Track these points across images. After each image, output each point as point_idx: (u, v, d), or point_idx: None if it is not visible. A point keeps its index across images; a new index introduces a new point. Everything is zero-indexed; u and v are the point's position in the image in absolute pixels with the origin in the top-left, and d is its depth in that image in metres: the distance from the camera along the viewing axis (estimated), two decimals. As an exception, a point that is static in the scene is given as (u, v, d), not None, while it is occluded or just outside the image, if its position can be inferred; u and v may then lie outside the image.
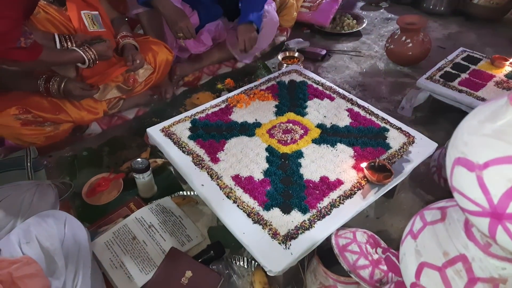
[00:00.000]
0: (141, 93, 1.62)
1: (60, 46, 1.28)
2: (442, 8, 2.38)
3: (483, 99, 1.40)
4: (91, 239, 1.08)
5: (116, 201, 1.25)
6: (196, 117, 1.28)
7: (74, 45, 1.30)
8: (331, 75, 1.90)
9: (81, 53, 1.26)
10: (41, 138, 1.34)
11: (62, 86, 1.30)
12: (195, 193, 1.22)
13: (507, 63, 1.55)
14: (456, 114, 1.51)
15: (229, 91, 1.75)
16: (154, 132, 1.22)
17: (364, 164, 1.05)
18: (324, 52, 2.01)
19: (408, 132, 1.20)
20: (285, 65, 1.80)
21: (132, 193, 1.29)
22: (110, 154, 1.45)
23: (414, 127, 1.24)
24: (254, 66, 1.97)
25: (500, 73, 1.53)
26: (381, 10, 2.54)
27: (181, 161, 1.12)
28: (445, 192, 1.28)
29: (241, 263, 1.06)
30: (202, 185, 1.04)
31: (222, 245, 1.08)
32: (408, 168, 1.09)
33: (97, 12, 1.48)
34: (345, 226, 0.97)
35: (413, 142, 1.17)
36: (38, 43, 1.15)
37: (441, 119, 1.59)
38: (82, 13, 1.42)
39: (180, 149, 1.15)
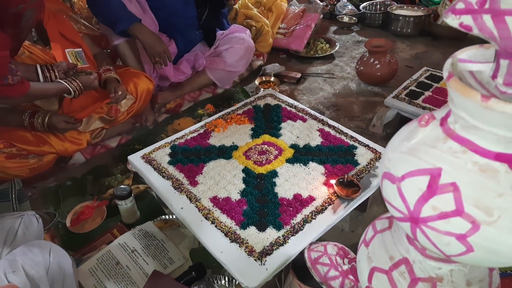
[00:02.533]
0: (124, 122, 1.69)
1: (43, 77, 1.34)
2: (409, 30, 2.54)
3: (445, 115, 1.50)
4: (76, 266, 1.12)
5: (100, 228, 1.29)
6: (176, 142, 1.35)
7: (56, 74, 1.35)
8: (306, 97, 2.00)
9: (66, 85, 1.33)
10: (25, 170, 1.38)
11: (46, 120, 1.35)
12: (176, 216, 1.26)
13: (466, 80, 1.66)
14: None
15: (210, 115, 1.82)
16: (135, 159, 1.28)
17: (333, 181, 1.12)
18: (299, 75, 2.11)
19: (375, 149, 1.28)
20: (262, 89, 1.89)
21: (115, 219, 1.33)
22: (94, 182, 1.49)
23: (385, 143, 1.31)
24: (233, 91, 2.06)
25: (460, 90, 1.64)
26: (353, 34, 2.69)
27: (161, 186, 1.17)
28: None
29: (223, 282, 1.10)
30: (182, 208, 1.10)
31: (203, 266, 1.12)
32: (376, 183, 1.16)
33: (80, 49, 1.55)
34: (320, 240, 1.02)
35: (379, 157, 1.25)
36: (25, 79, 1.21)
37: (410, 135, 1.67)
38: (66, 51, 1.49)
39: (160, 174, 1.21)
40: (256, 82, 1.96)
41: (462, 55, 0.43)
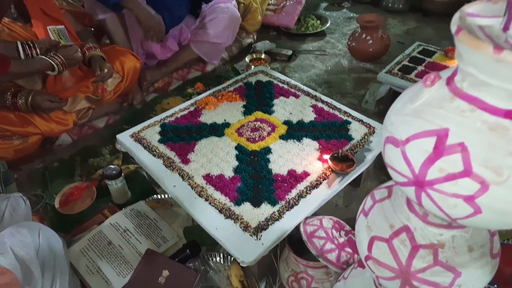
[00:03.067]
0: (111, 102, 1.64)
1: (24, 54, 1.28)
2: (401, 6, 2.50)
3: (438, 89, 1.49)
4: (67, 247, 1.09)
5: (90, 209, 1.26)
6: (166, 121, 1.31)
7: (38, 51, 1.29)
8: (298, 75, 1.97)
9: (49, 60, 1.27)
10: (10, 152, 1.33)
11: (30, 99, 1.30)
12: (168, 196, 1.24)
13: (459, 54, 1.65)
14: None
15: (199, 94, 1.78)
16: (124, 138, 1.24)
17: (327, 156, 1.11)
18: (290, 52, 2.07)
19: (369, 124, 1.27)
20: (252, 66, 1.85)
21: (106, 200, 1.30)
22: (82, 163, 1.45)
23: (378, 119, 1.31)
24: (223, 69, 2.02)
25: (453, 64, 1.63)
26: (344, 10, 2.64)
27: (152, 165, 1.14)
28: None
29: (218, 259, 1.10)
30: (174, 186, 1.07)
31: (198, 244, 1.11)
32: (370, 157, 1.15)
33: (63, 26, 1.49)
34: (315, 215, 1.02)
35: (373, 132, 1.23)
36: (6, 56, 1.15)
37: (402, 110, 1.67)
38: (48, 28, 1.42)
39: (151, 153, 1.18)
40: (247, 59, 1.92)
41: (469, 9, 0.41)
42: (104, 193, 1.31)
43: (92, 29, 1.82)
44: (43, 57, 1.27)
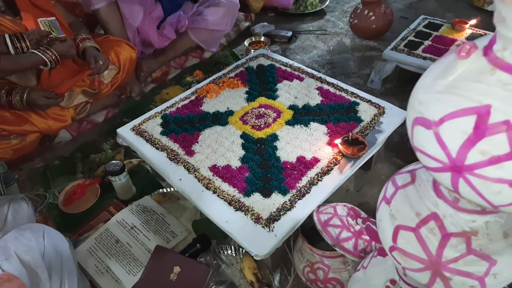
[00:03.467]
0: (109, 95, 1.58)
1: (13, 47, 1.22)
2: (401, -21, 2.40)
3: (447, 64, 1.43)
4: (73, 248, 1.06)
5: (95, 206, 1.23)
6: (167, 112, 1.26)
7: (28, 44, 1.23)
8: (299, 56, 1.90)
9: (40, 55, 1.21)
10: (8, 152, 1.29)
11: (25, 96, 1.25)
12: (174, 189, 1.21)
13: (467, 26, 1.58)
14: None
15: (199, 82, 1.72)
16: (125, 132, 1.20)
17: (338, 140, 1.06)
18: (290, 33, 2.00)
19: (378, 104, 1.22)
20: (252, 50, 1.79)
21: (110, 197, 1.26)
22: (83, 160, 1.41)
23: (385, 98, 1.26)
24: (222, 55, 1.95)
25: (461, 37, 1.57)
26: (343, -13, 2.54)
27: (156, 158, 1.10)
28: (419, 157, 1.31)
29: (229, 252, 1.06)
30: (180, 179, 1.03)
31: (208, 237, 1.07)
32: (381, 139, 1.11)
33: (54, 18, 1.42)
34: (326, 202, 0.98)
35: (383, 112, 1.18)
36: None
37: (409, 88, 1.58)
38: (38, 20, 1.36)
39: (153, 146, 1.13)
40: (246, 43, 1.85)
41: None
42: (108, 190, 1.28)
43: (83, 20, 1.75)
44: (35, 51, 1.21)
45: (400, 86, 1.63)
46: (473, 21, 1.58)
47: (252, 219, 0.91)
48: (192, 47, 1.91)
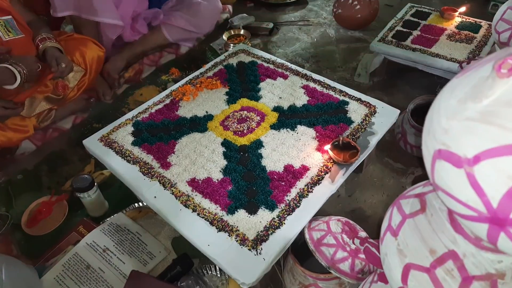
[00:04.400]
0: (75, 99, 1.44)
1: None
2: (385, -36, 2.31)
3: (437, 55, 1.35)
4: (39, 276, 0.95)
5: (63, 227, 1.11)
6: (139, 118, 1.14)
7: None
8: (282, 50, 1.80)
9: (13, 70, 1.07)
10: (-39, 170, 1.15)
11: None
12: (151, 203, 1.10)
13: (456, 14, 1.51)
14: (413, 74, 1.47)
15: (175, 81, 1.60)
16: (92, 143, 1.07)
17: (328, 146, 0.97)
18: (271, 25, 1.89)
19: (368, 102, 1.13)
20: (231, 45, 1.68)
21: (80, 214, 1.15)
22: (50, 173, 1.28)
23: (373, 93, 1.18)
24: (199, 50, 1.83)
25: (451, 25, 1.49)
26: (324, -27, 2.43)
27: (127, 173, 0.99)
28: (412, 158, 1.24)
29: (213, 272, 0.97)
30: (155, 197, 0.92)
31: (189, 257, 0.98)
32: (374, 141, 1.02)
33: (10, 17, 1.26)
34: (318, 210, 0.89)
35: (375, 112, 1.10)
36: None
37: (398, 81, 1.54)
38: None
39: (124, 159, 1.02)
40: (224, 37, 1.73)
41: None
42: (78, 206, 1.15)
43: (46, 17, 1.59)
44: (7, 65, 1.07)
45: (389, 79, 1.55)
46: (462, 9, 1.51)
47: (237, 241, 0.82)
48: (163, 44, 1.77)
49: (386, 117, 1.09)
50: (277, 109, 1.14)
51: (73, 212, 1.15)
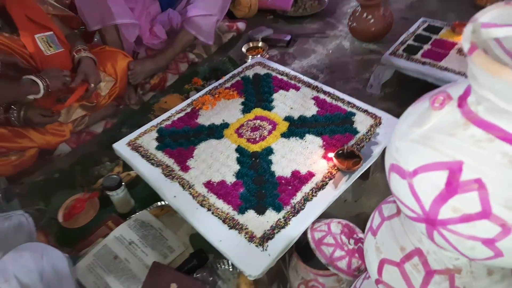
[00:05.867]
0: (107, 106, 1.59)
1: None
2: (402, -23, 2.36)
3: (446, 69, 1.41)
4: (73, 264, 1.08)
5: (94, 221, 1.24)
6: (162, 125, 1.27)
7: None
8: (298, 61, 1.89)
9: (38, 80, 1.22)
10: (8, 169, 1.31)
11: (22, 114, 1.26)
12: (172, 202, 1.21)
13: (467, 28, 1.55)
14: (424, 86, 1.53)
15: (197, 90, 1.72)
16: (121, 147, 1.20)
17: (332, 154, 1.06)
18: (289, 37, 1.99)
19: (374, 114, 1.20)
20: (250, 57, 1.78)
21: (109, 210, 1.28)
22: (83, 173, 1.42)
23: (384, 104, 1.25)
24: (220, 61, 1.94)
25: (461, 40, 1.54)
26: (343, -14, 2.51)
27: (151, 174, 1.11)
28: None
29: (226, 266, 1.07)
30: (175, 196, 1.04)
31: (205, 252, 1.08)
32: (377, 151, 1.10)
33: (51, 32, 1.42)
34: (324, 213, 0.98)
35: (380, 123, 1.17)
36: None
37: (409, 93, 1.59)
38: (36, 37, 1.36)
39: (149, 162, 1.14)
40: (243, 49, 1.84)
41: (484, 18, 0.35)
42: (108, 203, 1.28)
43: (80, 29, 1.75)
44: (32, 77, 1.22)
45: (400, 91, 1.61)
46: (473, 24, 1.55)
47: (246, 238, 0.92)
48: (189, 41, 1.88)
49: (390, 127, 1.16)
50: (288, 118, 1.23)
51: (103, 208, 1.28)
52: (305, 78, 1.40)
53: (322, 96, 1.31)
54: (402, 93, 1.60)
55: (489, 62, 0.30)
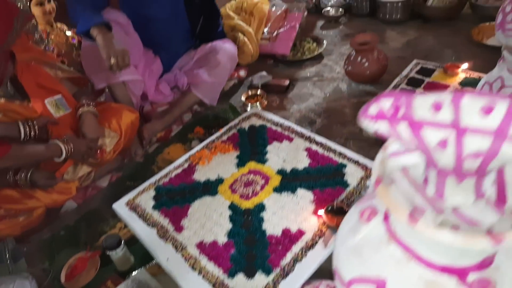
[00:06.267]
0: (112, 160, 1.66)
1: (24, 133, 1.31)
2: (399, 15, 2.42)
3: (439, 113, 1.41)
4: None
5: (95, 280, 1.27)
6: (160, 183, 1.31)
7: (36, 130, 1.32)
8: (296, 105, 1.93)
9: (61, 145, 1.30)
10: (16, 229, 1.37)
11: (29, 176, 1.33)
12: (169, 260, 1.23)
13: (460, 70, 1.57)
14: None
15: (200, 140, 1.78)
16: (120, 208, 1.25)
17: (321, 211, 1.07)
18: (287, 83, 2.04)
19: (365, 165, 1.22)
20: (249, 105, 1.84)
21: (110, 268, 1.30)
22: (87, 229, 1.47)
23: (379, 148, 1.25)
24: (221, 109, 2.00)
25: (454, 82, 1.55)
26: (341, 27, 2.58)
27: (146, 235, 1.14)
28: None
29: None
30: (167, 259, 1.06)
31: (200, 312, 1.09)
32: (368, 205, 1.10)
33: (59, 95, 1.51)
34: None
35: (370, 175, 1.18)
36: (4, 141, 1.18)
37: (406, 135, 1.59)
38: (45, 101, 1.45)
39: (145, 222, 1.18)
40: (243, 98, 1.90)
41: (392, 148, 0.37)
42: (108, 260, 1.31)
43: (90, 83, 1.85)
44: (57, 141, 1.30)
45: (397, 133, 1.61)
46: (465, 65, 1.57)
47: (235, 303, 0.92)
48: (195, 102, 1.97)
49: (381, 180, 1.16)
50: (280, 172, 1.26)
51: (103, 266, 1.31)
52: (299, 129, 1.43)
53: (314, 147, 1.33)
54: (399, 136, 1.60)
55: (387, 199, 0.32)
